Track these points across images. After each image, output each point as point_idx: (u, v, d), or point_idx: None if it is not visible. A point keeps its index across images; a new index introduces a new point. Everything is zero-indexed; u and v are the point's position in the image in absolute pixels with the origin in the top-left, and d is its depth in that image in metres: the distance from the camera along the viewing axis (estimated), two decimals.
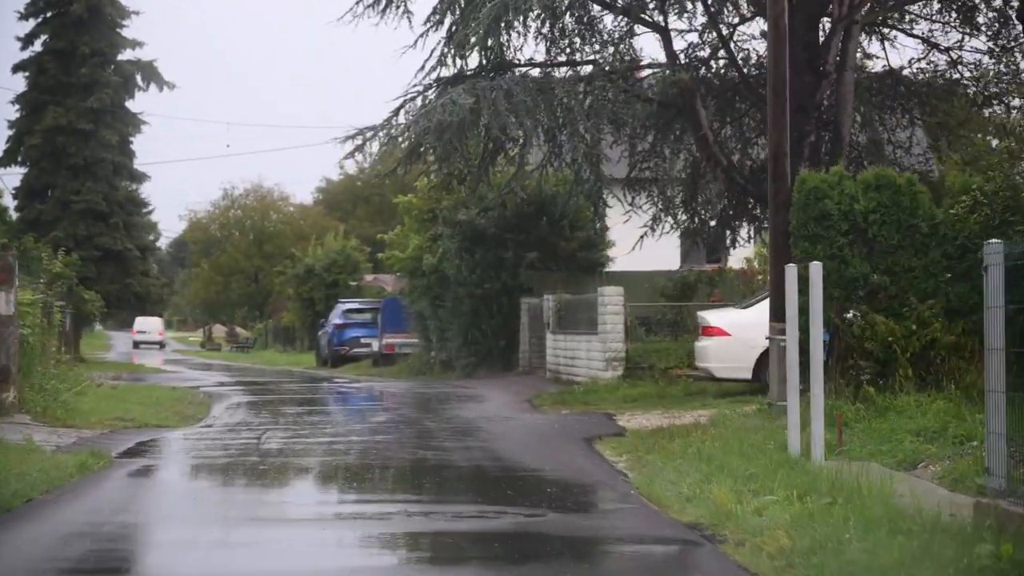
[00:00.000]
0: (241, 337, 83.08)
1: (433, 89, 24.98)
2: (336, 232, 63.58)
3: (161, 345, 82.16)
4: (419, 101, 24.96)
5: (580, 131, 24.41)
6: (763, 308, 20.78)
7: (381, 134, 24.85)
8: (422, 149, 24.98)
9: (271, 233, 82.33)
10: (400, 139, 24.77)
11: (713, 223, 27.42)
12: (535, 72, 24.75)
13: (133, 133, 47.19)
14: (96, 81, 43.81)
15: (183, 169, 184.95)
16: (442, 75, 24.63)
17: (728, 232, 27.87)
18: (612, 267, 33.46)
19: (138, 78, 46.58)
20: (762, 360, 20.65)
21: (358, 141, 24.93)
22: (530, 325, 32.19)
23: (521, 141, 24.66)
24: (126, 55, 46.47)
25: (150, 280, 47.49)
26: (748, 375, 20.94)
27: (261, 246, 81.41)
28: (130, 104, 47.26)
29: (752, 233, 27.77)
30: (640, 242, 28.16)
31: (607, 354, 24.68)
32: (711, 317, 21.57)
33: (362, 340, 44.63)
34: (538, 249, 32.34)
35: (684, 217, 27.53)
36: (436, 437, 17.16)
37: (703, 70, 25.53)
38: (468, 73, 24.39)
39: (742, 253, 30.09)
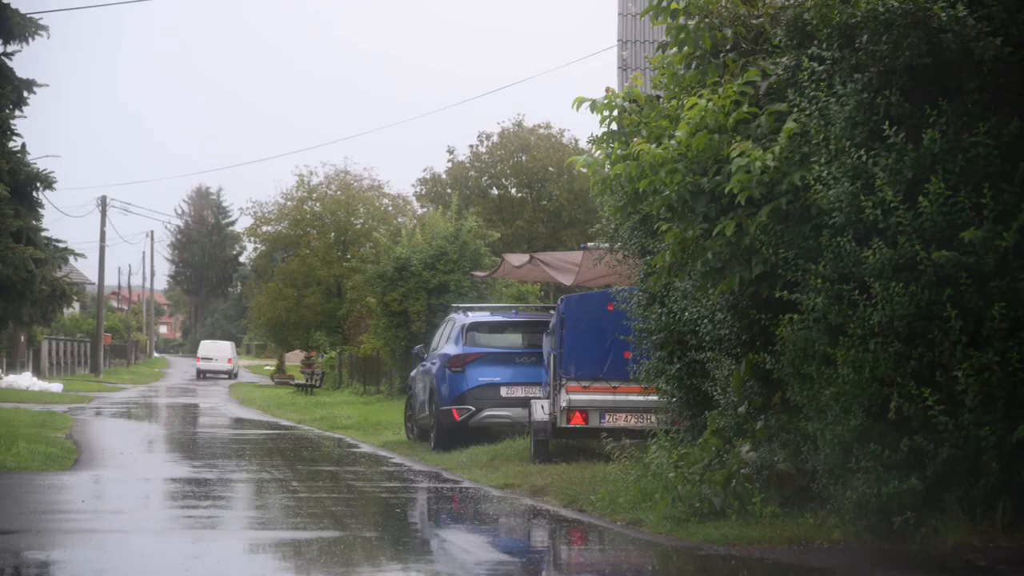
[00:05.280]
0: (312, 368, 62.85)
1: None
2: (445, 208, 41.04)
3: (231, 375, 72.53)
4: None
5: None
6: None
7: None
8: None
9: (358, 232, 65.18)
10: None
11: None
12: None
13: None
14: None
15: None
16: None
17: None
18: None
19: None
20: None
21: None
22: None
23: None
24: None
25: (32, 251, 23.42)
26: None
27: (346, 249, 64.35)
28: None
29: None
30: None
31: None
32: None
33: (503, 392, 21.09)
34: None
35: None
36: None
37: None
38: None
39: None
